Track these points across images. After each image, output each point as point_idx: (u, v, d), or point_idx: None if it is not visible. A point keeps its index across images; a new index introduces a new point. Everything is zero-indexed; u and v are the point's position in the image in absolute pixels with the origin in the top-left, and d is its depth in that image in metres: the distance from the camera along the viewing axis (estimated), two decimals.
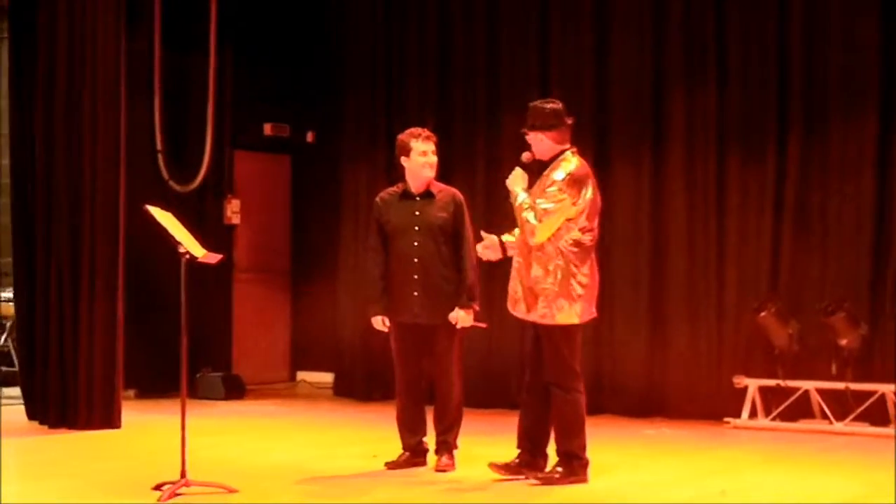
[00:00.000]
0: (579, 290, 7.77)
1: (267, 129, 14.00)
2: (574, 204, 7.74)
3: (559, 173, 7.81)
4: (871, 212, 10.81)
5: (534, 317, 7.84)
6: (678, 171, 11.55)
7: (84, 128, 10.34)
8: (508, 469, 8.07)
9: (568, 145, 7.94)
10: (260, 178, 14.12)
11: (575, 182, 7.77)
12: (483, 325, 8.68)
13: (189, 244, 7.65)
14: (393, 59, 12.98)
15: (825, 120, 11.03)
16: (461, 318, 8.33)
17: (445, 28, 12.72)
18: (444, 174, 9.02)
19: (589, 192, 7.81)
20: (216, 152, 13.26)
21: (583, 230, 7.80)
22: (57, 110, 10.43)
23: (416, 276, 8.32)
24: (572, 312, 7.78)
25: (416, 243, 8.34)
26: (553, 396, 7.88)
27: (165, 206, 7.99)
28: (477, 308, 8.44)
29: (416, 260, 8.34)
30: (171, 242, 7.66)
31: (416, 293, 8.32)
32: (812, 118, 11.06)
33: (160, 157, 13.01)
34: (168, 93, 13.01)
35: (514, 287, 7.93)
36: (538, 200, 7.75)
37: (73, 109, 10.37)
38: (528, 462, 8.04)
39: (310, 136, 14.25)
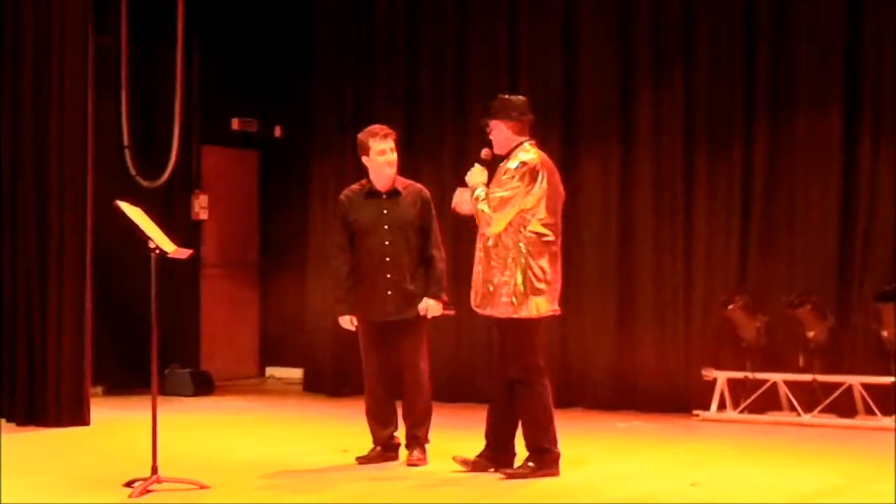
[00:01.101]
0: (537, 284, 7.76)
1: (235, 123, 13.97)
2: (528, 193, 7.74)
3: (513, 162, 7.83)
4: (837, 205, 10.88)
5: (493, 312, 7.84)
6: (646, 167, 11.59)
7: (51, 123, 10.28)
8: (472, 464, 8.08)
9: (526, 137, 7.95)
10: (228, 173, 14.08)
11: (529, 170, 7.77)
12: (451, 311, 8.68)
13: (159, 239, 7.63)
14: (362, 54, 12.96)
15: (791, 116, 11.09)
16: (431, 307, 8.36)
17: (414, 22, 12.71)
18: (412, 169, 9.05)
19: (544, 182, 7.80)
20: (184, 147, 13.20)
21: (544, 224, 7.80)
22: (24, 105, 10.37)
23: (388, 275, 8.34)
24: (531, 306, 7.77)
25: (386, 242, 8.36)
26: (518, 393, 7.88)
27: (133, 202, 7.96)
28: (446, 298, 8.45)
29: (387, 259, 8.35)
30: (141, 238, 7.63)
31: (389, 292, 8.33)
32: (778, 114, 11.12)
33: (127, 152, 12.94)
34: (135, 88, 12.95)
35: (476, 283, 7.93)
36: (493, 189, 7.77)
37: (41, 104, 10.31)
38: (491, 457, 8.06)
39: (277, 131, 14.23)
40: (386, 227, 8.36)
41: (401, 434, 8.56)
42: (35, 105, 10.34)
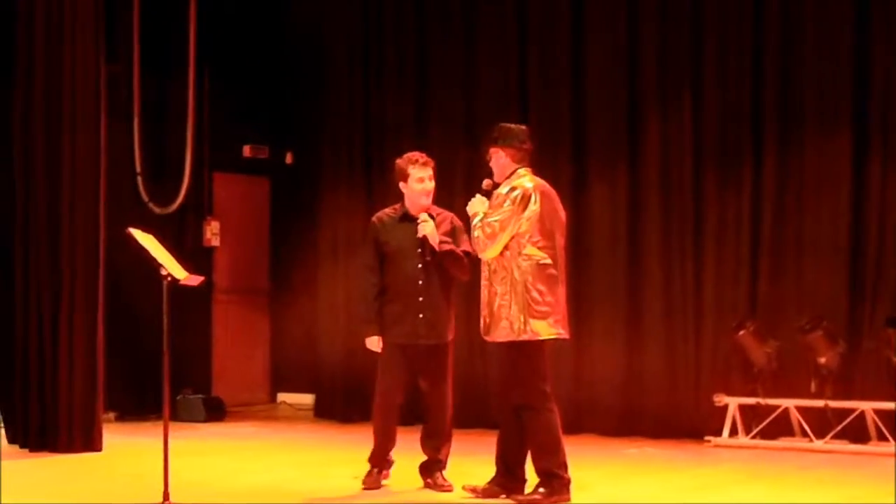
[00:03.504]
0: (536, 307, 7.75)
1: (246, 150, 14.03)
2: (521, 216, 7.76)
3: (505, 187, 7.88)
4: (847, 229, 10.86)
5: (496, 336, 7.84)
6: (654, 192, 11.59)
7: (63, 150, 10.32)
8: (482, 491, 8.07)
9: (523, 165, 7.99)
10: (239, 199, 14.12)
11: (521, 194, 7.80)
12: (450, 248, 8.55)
13: (171, 266, 7.66)
14: (370, 81, 13.01)
15: (801, 140, 11.09)
16: (431, 230, 8.31)
17: (423, 49, 12.76)
18: None
19: (536, 204, 7.82)
20: (195, 174, 13.27)
21: (540, 247, 7.80)
22: (36, 133, 10.41)
23: (421, 299, 8.35)
24: (531, 329, 7.75)
25: (420, 265, 8.37)
26: (525, 419, 7.86)
27: (145, 229, 7.99)
28: (459, 254, 8.40)
29: (420, 282, 8.36)
30: (153, 265, 7.66)
31: (421, 315, 8.34)
32: (787, 139, 11.12)
33: (139, 179, 13.00)
34: (147, 115, 13.02)
35: (482, 309, 7.92)
36: (488, 214, 7.81)
37: (53, 132, 10.35)
38: (502, 484, 8.04)
39: (288, 158, 14.28)
40: (419, 250, 8.39)
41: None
42: (47, 133, 10.38)
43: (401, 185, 8.52)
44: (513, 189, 7.83)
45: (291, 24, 14.06)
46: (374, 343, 8.42)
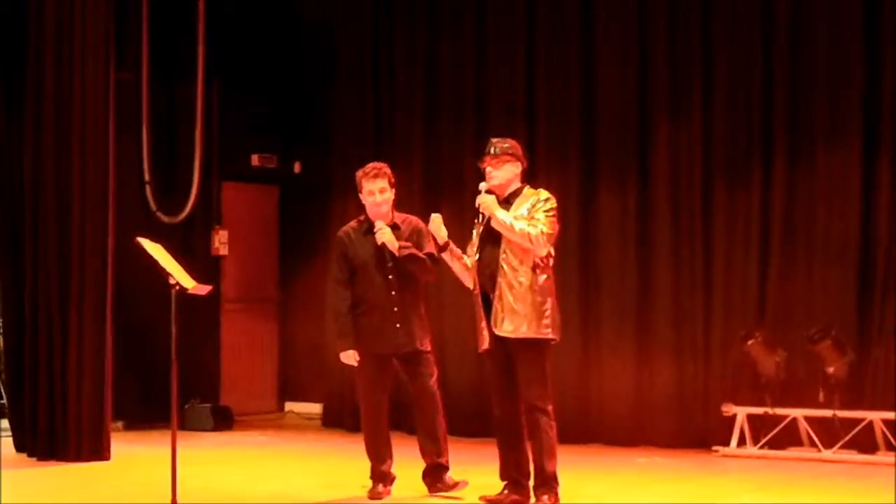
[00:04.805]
0: (554, 312, 7.87)
1: (254, 159, 14.04)
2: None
3: (543, 199, 7.90)
4: (856, 239, 10.84)
5: (537, 334, 7.78)
6: (664, 201, 11.58)
7: (73, 159, 10.35)
8: (496, 501, 8.06)
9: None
10: (248, 208, 14.14)
11: (555, 206, 7.90)
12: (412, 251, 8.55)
13: (179, 276, 7.68)
14: (381, 91, 13.03)
15: (810, 149, 11.06)
16: (388, 235, 8.33)
17: (433, 59, 12.75)
18: (432, 203, 9.02)
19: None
20: (204, 183, 13.29)
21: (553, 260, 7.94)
22: (45, 142, 10.44)
23: (396, 309, 8.37)
24: (554, 329, 7.85)
25: (390, 276, 8.38)
26: (537, 420, 7.86)
27: (153, 238, 8.02)
28: (419, 255, 8.41)
29: (394, 293, 8.38)
30: (161, 274, 7.67)
31: (398, 325, 8.37)
32: (797, 147, 11.10)
33: (148, 188, 13.03)
34: (156, 124, 13.04)
35: (518, 305, 7.79)
36: (533, 213, 7.82)
37: (62, 141, 10.37)
38: (518, 491, 8.04)
39: (297, 167, 14.29)
40: (390, 263, 8.40)
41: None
42: (56, 140, 10.40)
43: (360, 196, 8.55)
44: (549, 198, 7.90)
45: (301, 34, 14.07)
46: (350, 357, 8.43)
